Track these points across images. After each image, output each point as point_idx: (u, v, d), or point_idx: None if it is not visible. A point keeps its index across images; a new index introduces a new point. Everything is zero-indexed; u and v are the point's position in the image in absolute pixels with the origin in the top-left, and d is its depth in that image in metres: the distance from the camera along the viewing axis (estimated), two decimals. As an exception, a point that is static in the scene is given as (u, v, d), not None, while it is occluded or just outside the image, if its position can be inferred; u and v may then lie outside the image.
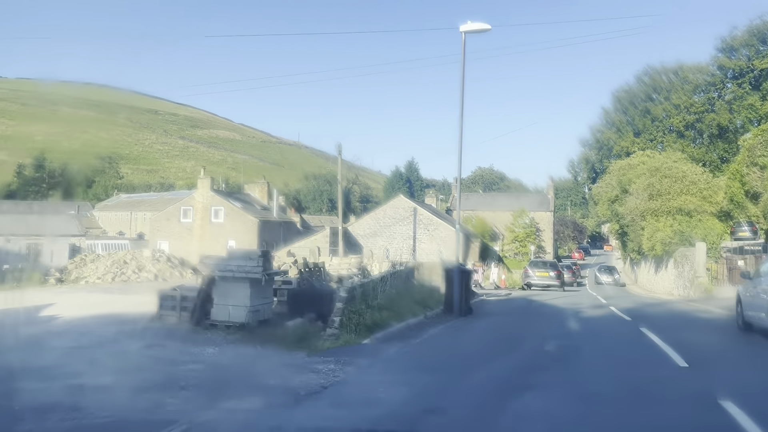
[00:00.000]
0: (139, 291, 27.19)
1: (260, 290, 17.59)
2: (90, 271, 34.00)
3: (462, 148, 20.24)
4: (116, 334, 15.95)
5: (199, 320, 17.62)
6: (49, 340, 15.26)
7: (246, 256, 17.37)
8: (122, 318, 18.88)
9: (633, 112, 62.84)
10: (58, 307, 21.66)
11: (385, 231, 50.50)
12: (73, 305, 22.11)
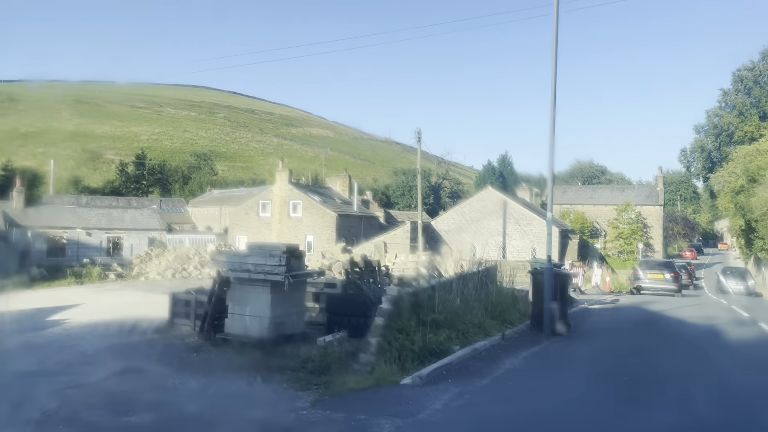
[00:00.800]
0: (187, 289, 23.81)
1: (285, 296, 13.19)
2: (152, 267, 31.33)
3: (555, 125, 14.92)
4: (102, 351, 12.10)
5: (209, 333, 13.50)
6: (12, 359, 11.59)
7: (266, 252, 13.02)
8: (131, 326, 15.10)
9: (758, 92, 53.80)
10: (78, 310, 18.38)
11: (472, 226, 45.23)
12: (96, 308, 18.77)
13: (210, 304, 13.60)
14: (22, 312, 18.09)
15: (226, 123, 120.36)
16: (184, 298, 14.82)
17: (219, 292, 13.54)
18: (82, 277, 29.16)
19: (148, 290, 23.86)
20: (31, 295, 23.92)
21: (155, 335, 14.03)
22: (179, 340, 13.42)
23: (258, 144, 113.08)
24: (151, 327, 14.96)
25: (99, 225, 44.29)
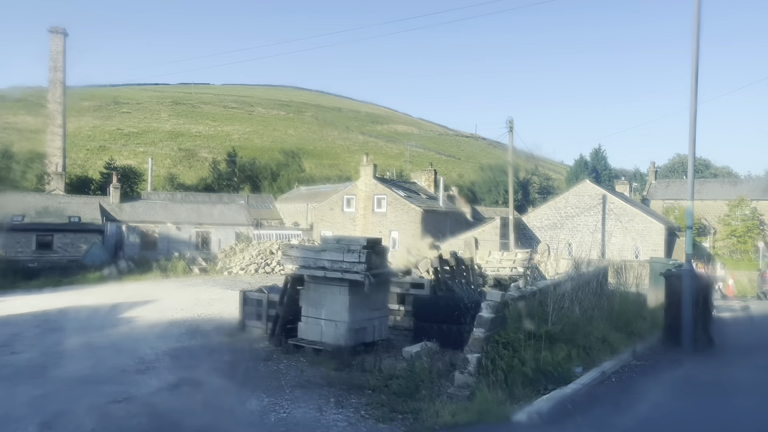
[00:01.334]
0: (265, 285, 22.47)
1: (365, 298, 11.21)
2: (236, 262, 30.44)
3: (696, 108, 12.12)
4: (162, 356, 10.57)
5: (280, 338, 11.74)
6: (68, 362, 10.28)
7: (343, 246, 11.09)
8: (200, 327, 13.62)
9: None
10: (152, 306, 17.24)
11: (567, 222, 41.81)
12: (171, 304, 17.57)
13: (282, 306, 11.86)
14: (99, 308, 17.22)
15: (314, 121, 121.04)
16: (255, 297, 13.19)
17: (292, 292, 11.77)
18: (168, 271, 28.66)
19: (228, 286, 22.72)
20: (116, 289, 23.38)
21: (223, 338, 12.47)
22: (248, 345, 11.76)
23: (344, 141, 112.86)
24: (221, 329, 13.45)
25: (189, 220, 44.39)
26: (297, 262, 11.57)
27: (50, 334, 13.05)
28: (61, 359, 10.51)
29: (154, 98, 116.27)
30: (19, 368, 9.91)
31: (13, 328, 13.93)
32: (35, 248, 35.64)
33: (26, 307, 17.73)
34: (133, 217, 41.93)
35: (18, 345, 11.77)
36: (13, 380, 9.20)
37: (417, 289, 13.47)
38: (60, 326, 13.99)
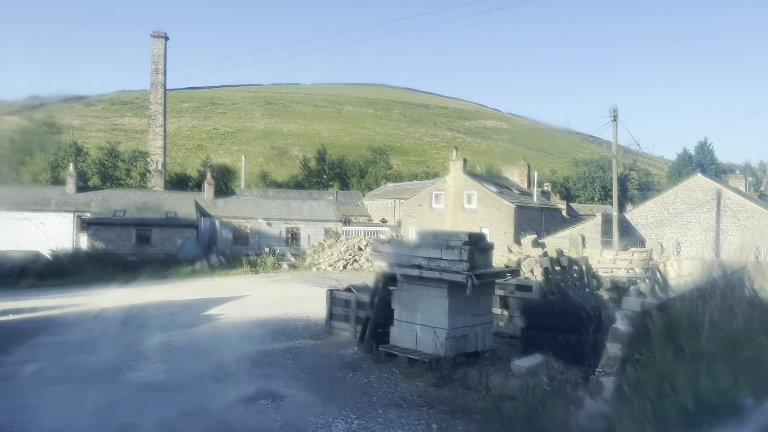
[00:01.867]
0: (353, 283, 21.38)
1: (467, 302, 9.67)
2: (324, 258, 29.67)
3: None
4: (242, 361, 9.51)
5: (370, 344, 10.40)
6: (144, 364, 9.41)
7: (441, 242, 9.59)
8: (284, 328, 12.55)
9: None
10: (238, 303, 16.46)
11: (676, 219, 38.20)
12: (257, 301, 16.74)
13: (372, 308, 10.53)
14: (186, 303, 16.69)
15: (401, 118, 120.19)
16: (343, 297, 11.96)
17: (383, 293, 10.42)
18: (257, 266, 28.28)
19: (316, 282, 21.82)
20: (205, 284, 23.10)
21: (309, 341, 11.32)
22: (335, 350, 10.52)
23: (431, 138, 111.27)
24: (306, 330, 12.32)
25: (279, 216, 44.38)
26: (389, 259, 10.20)
27: (133, 331, 12.42)
28: (138, 361, 9.69)
29: (248, 99, 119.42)
30: (93, 369, 9.15)
31: (99, 323, 13.49)
32: (135, 242, 36.50)
33: (119, 301, 17.49)
34: (226, 212, 42.35)
35: (99, 343, 11.16)
36: (84, 383, 8.40)
37: (523, 291, 11.77)
38: (144, 323, 13.39)
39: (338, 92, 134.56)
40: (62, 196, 37.54)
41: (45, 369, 9.15)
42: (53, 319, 14.08)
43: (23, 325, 13.39)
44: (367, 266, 28.48)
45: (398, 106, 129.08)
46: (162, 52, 63.88)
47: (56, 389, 8.09)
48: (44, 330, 12.62)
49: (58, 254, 30.17)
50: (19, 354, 10.22)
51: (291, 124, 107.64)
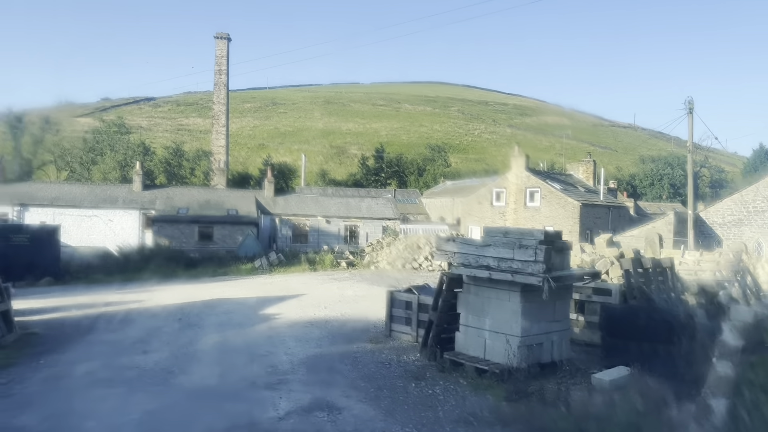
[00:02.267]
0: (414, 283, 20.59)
1: (542, 307, 8.70)
2: (383, 256, 29.02)
3: None
4: (297, 366, 8.89)
5: (434, 351, 9.59)
6: (197, 367, 8.95)
7: (513, 240, 8.67)
8: (343, 329, 11.90)
9: None
10: (296, 302, 15.97)
11: (756, 218, 35.58)
12: (315, 301, 16.18)
13: (436, 311, 9.70)
14: (243, 301, 16.32)
15: (460, 116, 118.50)
16: (404, 298, 11.18)
17: (448, 295, 9.57)
18: (315, 264, 27.92)
19: (375, 281, 21.16)
20: (264, 281, 22.84)
21: (368, 345, 10.60)
22: (395, 356, 9.76)
23: (491, 135, 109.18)
24: (365, 332, 11.62)
25: (338, 213, 44.14)
26: (454, 259, 9.35)
27: (188, 330, 12.05)
28: (190, 363, 9.22)
29: (308, 98, 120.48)
30: (144, 371, 8.72)
31: (157, 321, 13.22)
32: (197, 239, 36.91)
33: (178, 298, 17.35)
34: (286, 210, 42.40)
35: (153, 342, 10.79)
36: (133, 386, 7.96)
37: (602, 295, 10.68)
38: (200, 322, 13.02)
39: (396, 90, 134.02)
40: (129, 193, 38.40)
41: (97, 369, 8.80)
42: (113, 316, 13.94)
43: (83, 321, 13.28)
44: (426, 265, 27.67)
45: (457, 104, 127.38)
46: (225, 53, 64.91)
47: (105, 392, 7.67)
48: (102, 327, 12.43)
49: (124, 250, 30.74)
50: (73, 352, 9.96)
51: (349, 123, 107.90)
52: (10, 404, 7.20)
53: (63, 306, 15.83)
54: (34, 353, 9.83)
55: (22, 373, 8.66)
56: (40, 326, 12.52)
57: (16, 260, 25.62)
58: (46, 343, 10.63)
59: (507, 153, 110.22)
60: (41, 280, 25.57)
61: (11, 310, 11.47)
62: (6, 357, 9.54)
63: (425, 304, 10.68)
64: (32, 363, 9.19)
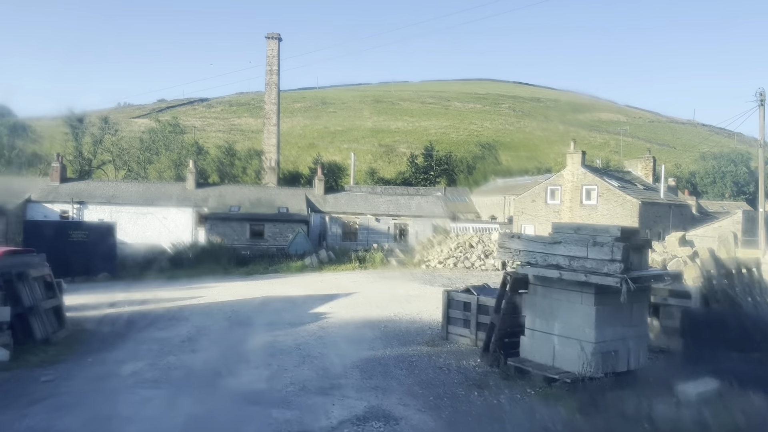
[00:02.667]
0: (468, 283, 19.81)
1: (618, 311, 7.84)
2: (434, 254, 28.29)
3: None
4: (350, 370, 8.36)
5: (497, 356, 8.85)
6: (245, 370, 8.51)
7: (585, 237, 7.86)
8: (397, 330, 11.30)
9: None
10: (347, 301, 15.47)
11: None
12: (366, 299, 15.65)
13: (498, 313, 8.97)
14: (295, 299, 15.94)
15: (511, 113, 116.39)
16: (462, 299, 10.49)
17: (512, 297, 8.83)
18: (365, 262, 27.46)
19: (426, 281, 20.49)
20: (315, 279, 22.50)
21: (424, 348, 9.96)
22: (454, 361, 9.08)
23: (543, 132, 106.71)
24: (420, 334, 10.97)
25: (387, 211, 43.67)
26: (519, 257, 8.61)
27: (237, 328, 11.69)
28: (238, 364, 8.79)
29: (357, 97, 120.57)
30: (191, 372, 8.33)
31: (206, 319, 12.93)
32: (249, 236, 37.05)
33: (229, 295, 17.15)
34: (336, 208, 42.20)
35: (202, 341, 10.45)
36: (179, 388, 7.56)
37: (679, 298, 9.72)
38: (249, 320, 12.66)
39: (446, 88, 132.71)
40: (183, 191, 38.87)
41: (143, 369, 8.46)
42: (164, 313, 13.76)
43: (134, 317, 13.12)
44: (479, 264, 26.81)
45: (507, 101, 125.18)
46: (276, 53, 65.32)
47: (150, 394, 7.28)
48: (153, 324, 12.21)
49: (178, 247, 31.04)
50: (122, 350, 9.70)
51: (399, 122, 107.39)
52: (54, 404, 6.90)
53: (117, 302, 15.81)
54: (83, 350, 9.62)
55: (69, 370, 8.42)
56: (93, 323, 12.41)
57: (74, 256, 26.14)
58: (96, 341, 10.44)
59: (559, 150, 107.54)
60: (98, 276, 26.01)
61: (63, 306, 11.36)
62: (56, 353, 9.36)
63: (485, 305, 9.96)
64: (80, 361, 8.95)
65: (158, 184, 41.95)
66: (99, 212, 34.68)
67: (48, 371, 8.34)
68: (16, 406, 6.81)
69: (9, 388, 7.58)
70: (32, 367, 8.55)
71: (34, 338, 9.86)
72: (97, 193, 36.71)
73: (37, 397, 7.14)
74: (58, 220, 32.13)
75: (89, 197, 35.87)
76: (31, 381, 7.93)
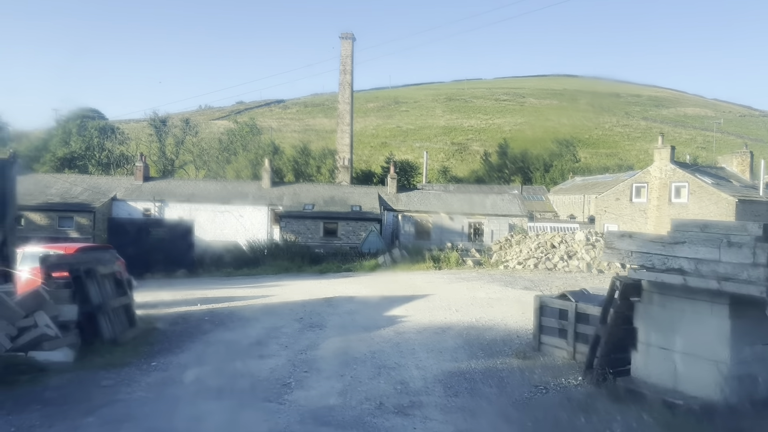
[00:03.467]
0: (554, 287, 18.33)
1: (757, 326, 6.44)
2: (512, 255, 26.80)
3: None
4: (432, 385, 7.31)
5: (603, 374, 7.55)
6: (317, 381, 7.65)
7: (716, 236, 6.44)
8: (481, 338, 10.16)
9: None
10: (423, 303, 14.44)
11: None
12: (444, 302, 14.58)
13: (604, 324, 7.68)
14: (368, 300, 15.10)
15: (589, 109, 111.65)
16: (557, 306, 9.21)
17: (621, 305, 7.52)
18: (440, 262, 26.34)
19: (507, 283, 19.13)
20: (388, 278, 21.64)
21: (513, 361, 8.77)
22: (551, 378, 7.86)
23: (623, 129, 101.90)
24: (507, 344, 9.78)
25: (461, 210, 42.34)
26: (631, 259, 7.29)
27: (308, 331, 10.90)
28: (309, 373, 7.94)
29: (430, 96, 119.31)
30: (258, 381, 7.55)
31: (278, 320, 12.26)
32: (322, 235, 36.76)
33: (301, 294, 16.55)
34: (408, 206, 41.30)
35: (271, 345, 9.71)
36: (243, 400, 6.78)
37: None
38: (321, 322, 11.86)
39: (521, 85, 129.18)
40: (258, 190, 39.09)
41: (208, 375, 7.78)
42: (235, 312, 13.23)
43: (205, 317, 12.64)
44: (561, 266, 25.12)
45: (586, 96, 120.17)
46: (349, 53, 65.15)
47: (211, 407, 6.54)
48: (222, 324, 11.65)
49: (253, 245, 31.04)
50: (188, 353, 9.09)
51: (472, 119, 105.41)
52: (110, 415, 6.27)
53: (191, 299, 15.52)
54: (149, 352, 9.09)
55: (132, 375, 7.85)
56: (164, 321, 12.00)
57: (154, 252, 26.53)
58: (163, 341, 9.92)
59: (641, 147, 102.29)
60: (176, 272, 26.26)
61: (133, 304, 10.96)
62: (122, 355, 8.86)
63: (584, 313, 8.68)
64: (144, 364, 8.39)
65: (235, 183, 42.46)
66: (179, 210, 35.29)
67: (110, 374, 7.81)
68: (72, 415, 6.24)
69: (69, 391, 7.06)
70: (96, 369, 8.04)
71: (102, 338, 9.43)
72: (177, 192, 37.45)
73: (94, 405, 6.55)
74: (140, 218, 32.90)
75: (170, 196, 36.62)
76: (92, 384, 7.40)
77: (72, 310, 9.11)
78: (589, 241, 26.32)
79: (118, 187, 37.27)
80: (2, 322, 8.11)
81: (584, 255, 25.53)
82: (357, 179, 58.83)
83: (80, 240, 29.56)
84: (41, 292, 8.86)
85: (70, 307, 9.14)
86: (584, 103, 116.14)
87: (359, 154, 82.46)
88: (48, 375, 7.53)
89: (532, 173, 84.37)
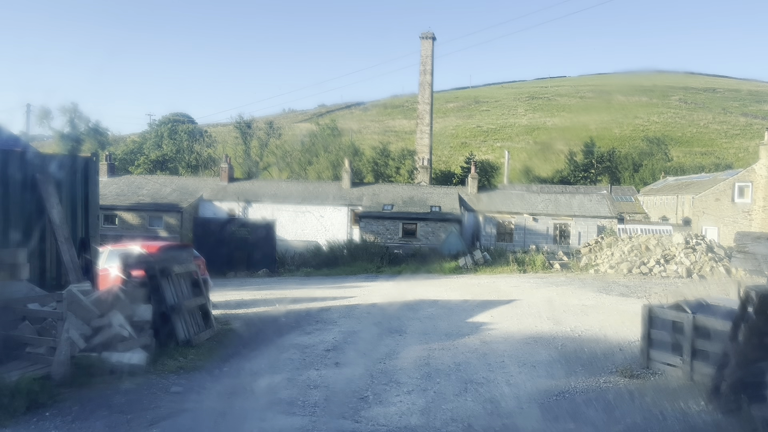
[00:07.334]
0: (653, 294, 16.70)
1: None
2: (603, 258, 25.02)
3: None
4: (527, 405, 6.38)
5: (735, 400, 6.32)
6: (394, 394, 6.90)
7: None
8: (579, 351, 9.05)
9: None
10: (510, 309, 13.37)
11: None
12: (533, 308, 13.46)
13: (735, 341, 6.44)
14: (449, 304, 14.20)
15: (682, 105, 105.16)
16: (670, 317, 7.96)
17: (758, 321, 6.26)
18: (524, 265, 24.96)
19: (600, 288, 17.63)
20: (470, 281, 20.61)
21: (619, 379, 7.62)
22: (667, 401, 6.69)
23: (720, 125, 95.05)
24: (609, 358, 8.61)
25: (546, 211, 40.49)
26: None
27: (387, 337, 10.16)
28: (388, 386, 7.18)
29: (512, 95, 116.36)
30: (333, 393, 6.87)
31: (355, 323, 11.63)
32: (401, 235, 36.14)
33: (380, 296, 15.91)
34: (489, 207, 39.92)
35: (348, 351, 9.05)
36: (315, 416, 6.10)
37: None
38: (401, 327, 11.10)
39: (607, 81, 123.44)
40: (338, 191, 39.00)
41: (280, 385, 7.18)
42: (312, 314, 12.72)
43: (281, 318, 12.22)
44: (658, 271, 23.13)
45: (678, 92, 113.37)
46: (429, 53, 64.27)
47: (281, 423, 5.90)
48: (299, 326, 11.14)
49: (333, 245, 30.85)
50: (261, 359, 8.58)
51: (555, 118, 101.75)
52: (174, 427, 5.76)
53: (270, 299, 15.24)
54: (221, 356, 8.65)
55: (202, 380, 7.39)
56: (241, 321, 11.66)
57: (237, 252, 26.82)
58: (237, 344, 9.49)
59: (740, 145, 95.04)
60: (258, 271, 26.42)
61: (209, 304, 10.64)
62: (195, 357, 8.47)
63: (704, 327, 7.42)
64: (216, 369, 7.93)
65: (316, 184, 42.62)
66: (262, 210, 35.72)
67: (181, 380, 7.39)
68: (135, 424, 5.79)
69: (137, 397, 6.67)
70: (167, 373, 7.66)
71: (177, 339, 9.11)
72: (260, 192, 37.96)
73: (160, 414, 6.09)
74: (224, 218, 33.50)
75: (253, 196, 37.16)
76: (161, 390, 6.99)
77: (147, 310, 8.82)
78: (688, 244, 24.10)
79: (205, 187, 38.23)
80: (77, 321, 7.89)
81: (683, 259, 23.39)
82: (436, 180, 57.88)
83: (168, 239, 30.40)
84: (117, 291, 8.62)
85: (145, 306, 8.86)
86: (677, 99, 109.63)
87: (438, 154, 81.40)
88: (119, 377, 7.19)
89: (621, 173, 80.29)
